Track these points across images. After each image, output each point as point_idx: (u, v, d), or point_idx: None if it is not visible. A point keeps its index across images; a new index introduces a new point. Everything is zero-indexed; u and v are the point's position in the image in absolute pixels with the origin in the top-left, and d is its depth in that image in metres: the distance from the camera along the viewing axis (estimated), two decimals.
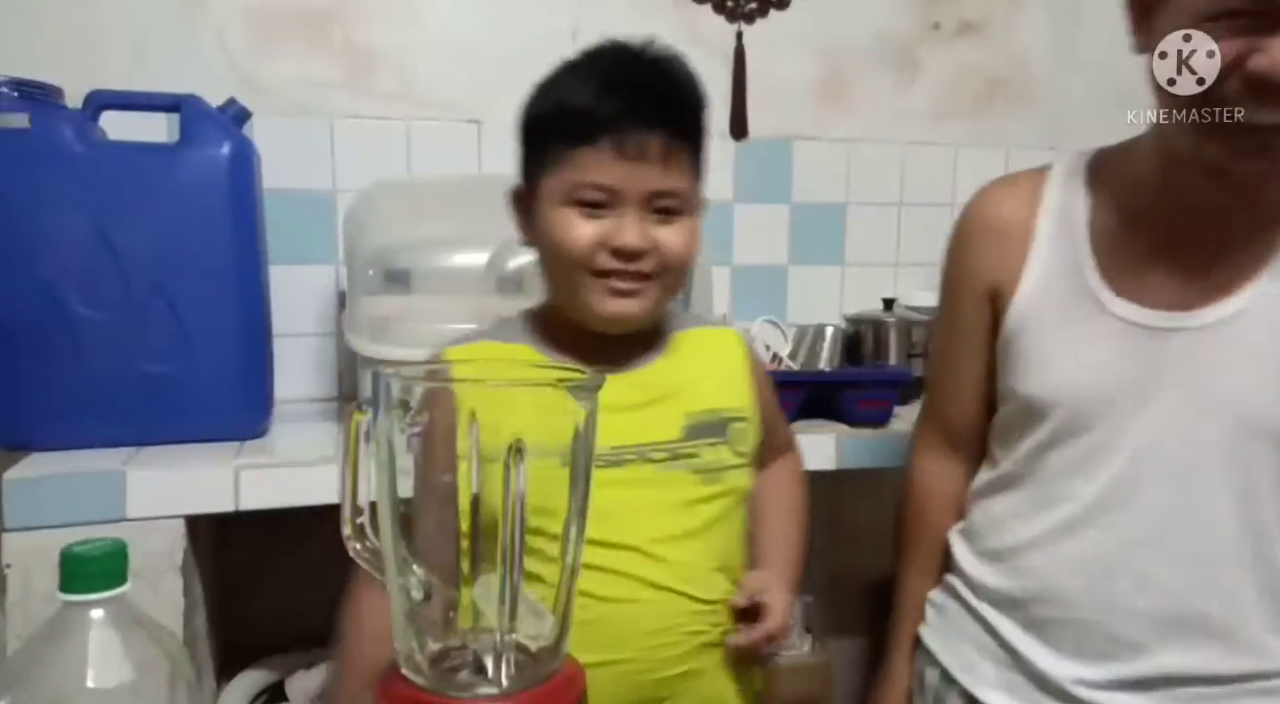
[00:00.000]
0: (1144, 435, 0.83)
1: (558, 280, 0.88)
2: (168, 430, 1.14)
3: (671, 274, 0.87)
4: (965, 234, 0.97)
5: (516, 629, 0.59)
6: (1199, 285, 0.83)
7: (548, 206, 0.85)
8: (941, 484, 1.02)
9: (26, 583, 0.99)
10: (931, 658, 0.98)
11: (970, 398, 0.98)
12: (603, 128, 0.81)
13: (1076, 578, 0.86)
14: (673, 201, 0.84)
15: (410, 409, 0.58)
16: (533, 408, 0.60)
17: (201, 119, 1.13)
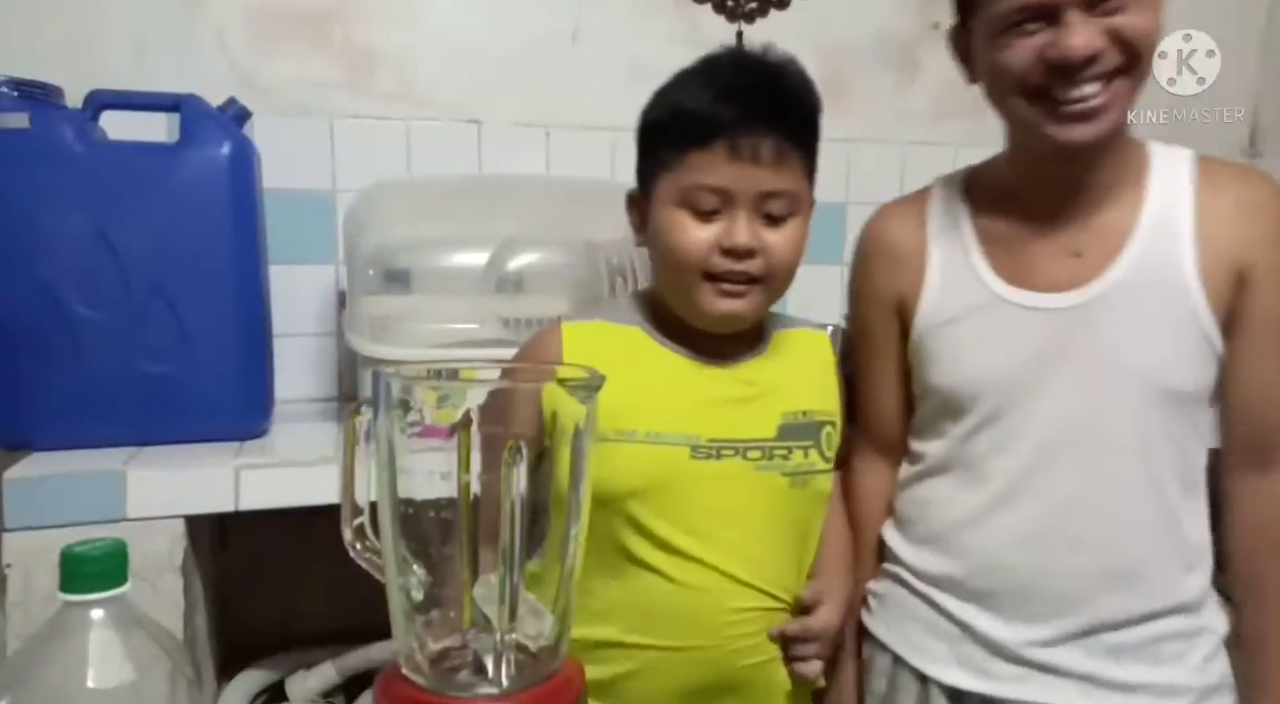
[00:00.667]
0: (1056, 409, 0.89)
1: (669, 281, 0.91)
2: (168, 430, 1.14)
3: (778, 277, 0.89)
4: (865, 257, 1.07)
5: (516, 629, 0.59)
6: (1079, 264, 0.90)
7: (661, 209, 0.88)
8: (871, 484, 1.07)
9: (26, 583, 0.99)
10: (879, 644, 1.02)
11: (891, 404, 1.04)
12: (716, 130, 0.83)
13: (1012, 548, 0.91)
14: (782, 204, 0.87)
15: (410, 409, 0.58)
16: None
17: (201, 119, 1.13)
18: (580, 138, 1.56)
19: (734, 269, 0.86)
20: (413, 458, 0.58)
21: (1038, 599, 0.90)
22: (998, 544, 0.92)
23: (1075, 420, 0.89)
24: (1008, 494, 0.92)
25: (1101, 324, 0.88)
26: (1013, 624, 0.91)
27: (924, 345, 0.97)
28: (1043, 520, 0.90)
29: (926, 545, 0.98)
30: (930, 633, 0.97)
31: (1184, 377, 0.88)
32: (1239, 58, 1.86)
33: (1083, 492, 0.89)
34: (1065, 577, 0.90)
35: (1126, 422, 0.88)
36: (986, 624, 0.92)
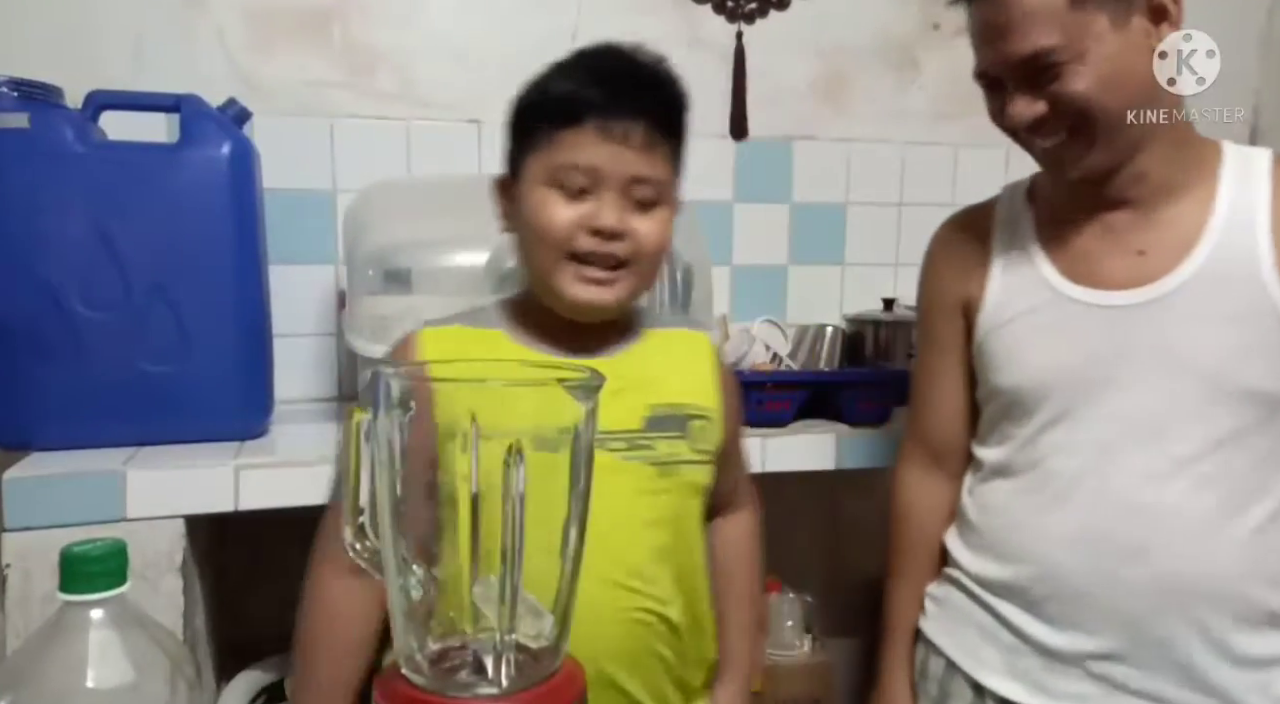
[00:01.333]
0: (1120, 407, 0.89)
1: (535, 264, 0.89)
2: (168, 430, 1.14)
3: (644, 263, 0.88)
4: (932, 261, 1.08)
5: (516, 629, 0.59)
6: (1143, 262, 0.90)
7: (529, 188, 0.86)
8: (926, 498, 1.06)
9: (26, 583, 0.99)
10: (934, 648, 1.01)
11: (951, 410, 1.04)
12: (588, 109, 0.83)
13: (1066, 550, 0.90)
14: (651, 190, 0.86)
15: (410, 409, 0.58)
16: (533, 406, 0.60)
17: (201, 119, 1.13)
18: None
19: (599, 250, 0.85)
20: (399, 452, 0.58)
21: (1095, 608, 0.88)
22: (1056, 547, 0.90)
23: (1141, 421, 0.88)
24: (1068, 495, 0.90)
25: (1169, 322, 0.87)
26: (1071, 634, 0.89)
27: (987, 346, 0.98)
28: (1101, 524, 0.88)
29: (986, 552, 0.96)
30: (987, 640, 0.95)
31: (1264, 375, 0.85)
32: (1239, 58, 1.86)
33: (1148, 496, 0.87)
34: (1125, 587, 0.87)
35: (1196, 422, 0.86)
36: (1044, 634, 0.90)
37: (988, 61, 0.88)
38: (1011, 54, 0.84)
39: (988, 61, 0.88)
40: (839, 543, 1.77)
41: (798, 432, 1.32)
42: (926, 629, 1.02)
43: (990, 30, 0.86)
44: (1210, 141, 0.93)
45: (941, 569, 1.03)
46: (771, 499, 1.70)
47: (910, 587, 1.06)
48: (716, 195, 1.69)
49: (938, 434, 1.05)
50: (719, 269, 1.63)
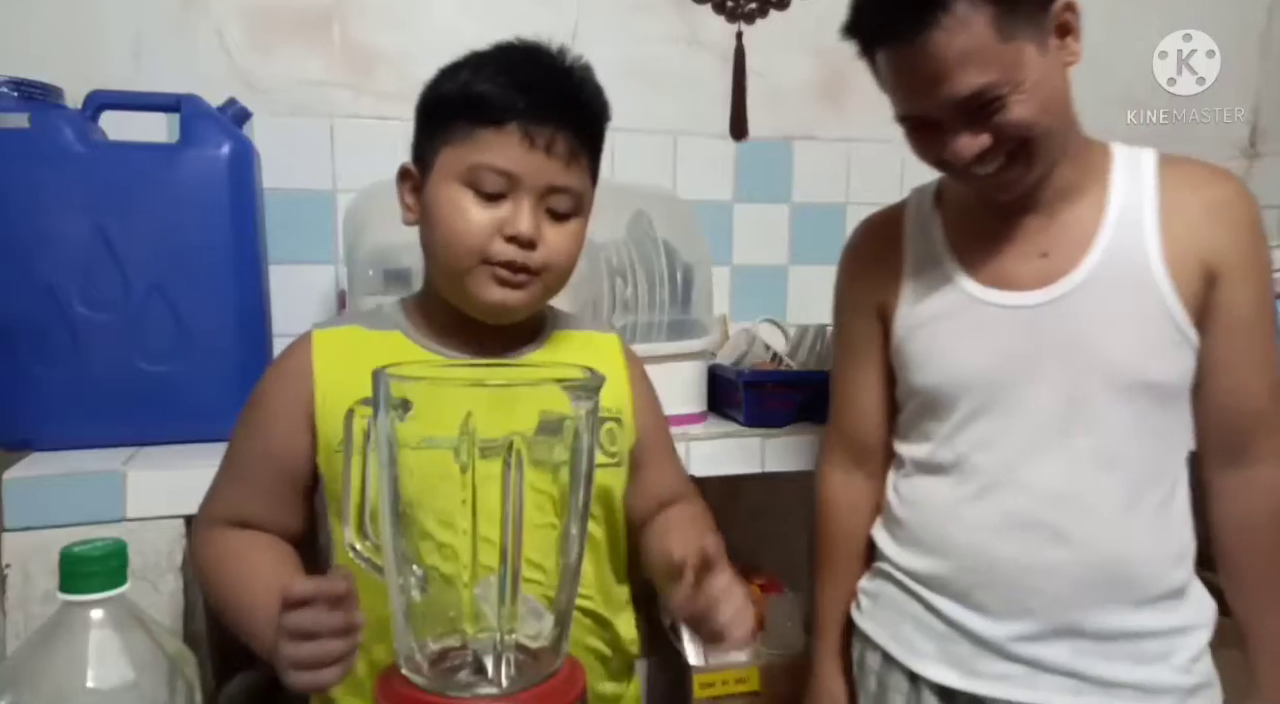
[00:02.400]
0: (1035, 403, 0.92)
1: (444, 264, 0.86)
2: (168, 430, 1.14)
3: (553, 273, 0.86)
4: (846, 267, 1.12)
5: (516, 629, 0.59)
6: (1046, 264, 0.94)
7: (441, 184, 0.84)
8: (848, 496, 1.09)
9: (26, 583, 0.99)
10: (870, 642, 1.03)
11: (870, 409, 1.07)
12: (513, 113, 0.81)
13: (996, 541, 0.93)
14: (568, 201, 0.84)
15: (410, 409, 0.58)
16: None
17: (201, 119, 1.13)
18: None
19: (514, 259, 0.82)
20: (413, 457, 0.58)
21: (1022, 593, 0.92)
22: (981, 538, 0.94)
23: (1053, 414, 0.92)
24: (990, 488, 0.94)
25: (1072, 319, 0.91)
26: (1000, 620, 0.93)
27: (904, 348, 1.00)
28: (1026, 513, 0.92)
29: (914, 545, 1.00)
30: (921, 631, 0.98)
31: (1159, 368, 0.91)
32: (1239, 58, 1.86)
33: (1064, 485, 0.91)
34: (1049, 571, 0.91)
35: (1103, 414, 0.90)
36: (975, 621, 0.94)
37: (920, 106, 0.89)
38: (949, 96, 0.85)
39: (920, 106, 0.89)
40: None
41: (798, 432, 1.32)
42: (861, 624, 1.04)
43: (919, 78, 0.86)
44: (1099, 143, 0.96)
45: (871, 564, 1.06)
46: (771, 499, 1.71)
47: (836, 583, 1.09)
48: (716, 195, 1.69)
49: (858, 433, 1.08)
50: (719, 269, 1.63)
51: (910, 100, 0.90)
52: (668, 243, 1.31)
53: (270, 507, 0.86)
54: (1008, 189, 0.92)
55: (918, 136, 0.93)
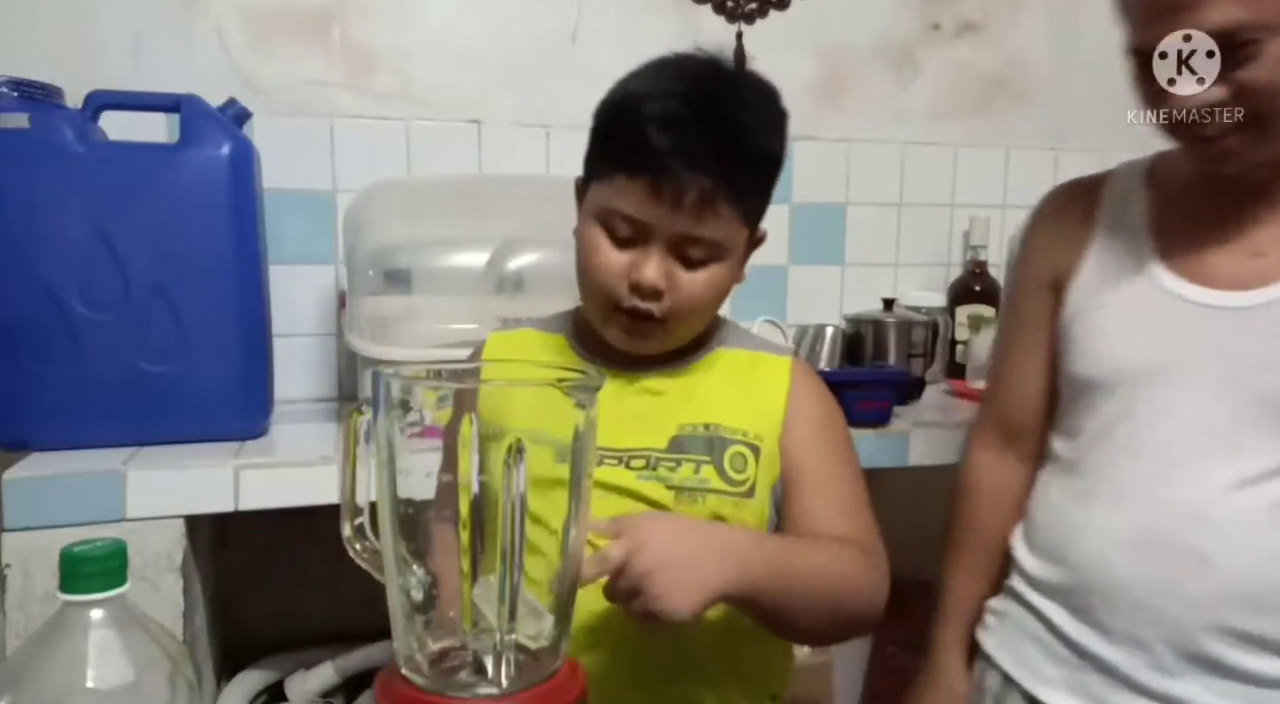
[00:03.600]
0: (1195, 413, 0.83)
1: (583, 294, 0.88)
2: (168, 430, 1.13)
3: (682, 318, 0.83)
4: (1031, 229, 1.01)
5: (516, 629, 0.59)
6: (1260, 264, 0.84)
7: (585, 215, 0.85)
8: (994, 478, 1.01)
9: (26, 583, 0.99)
10: (990, 661, 0.97)
11: (1028, 389, 0.99)
12: (645, 162, 0.78)
13: (1123, 558, 0.85)
14: (701, 250, 0.81)
15: (410, 409, 0.58)
16: (533, 408, 0.60)
17: (201, 119, 1.13)
18: (580, 138, 1.54)
19: (638, 306, 0.81)
20: (413, 458, 0.58)
21: (1152, 620, 0.83)
22: (1105, 550, 0.86)
23: (1218, 427, 0.82)
24: (1125, 497, 0.86)
25: (1272, 330, 0.82)
26: (1125, 648, 0.85)
27: (1071, 328, 0.92)
28: (1162, 531, 0.83)
29: (1041, 551, 0.93)
30: (1044, 653, 0.91)
31: None
32: None
33: (1219, 507, 0.82)
34: (1186, 597, 0.82)
35: (1264, 433, 0.81)
36: (1099, 646, 0.86)
37: (1156, 36, 0.77)
38: (1197, 27, 0.74)
39: (1156, 36, 0.77)
40: None
41: None
42: (985, 642, 0.98)
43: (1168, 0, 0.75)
44: None
45: (1004, 580, 0.99)
46: None
47: (969, 570, 1.02)
48: None
49: (1012, 416, 1.00)
50: None
51: (1148, 25, 0.78)
52: None
53: None
54: (1230, 160, 0.81)
55: (1146, 77, 0.80)
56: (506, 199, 1.40)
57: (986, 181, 1.83)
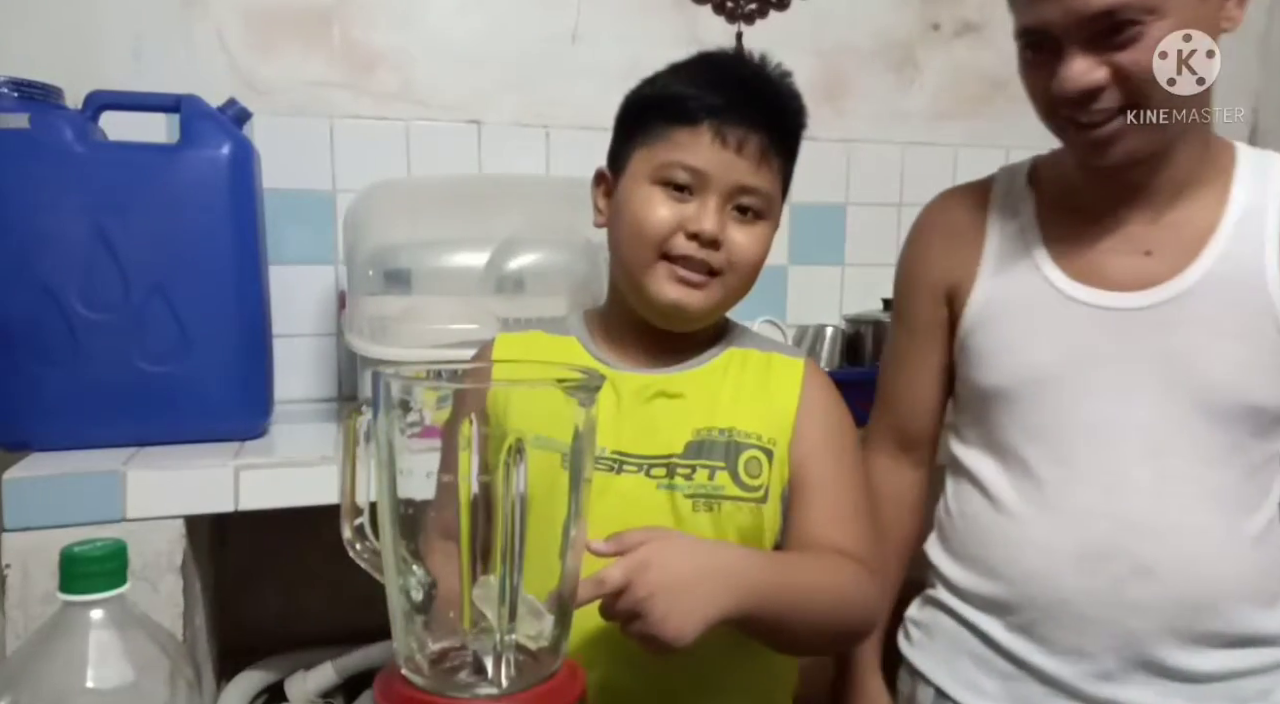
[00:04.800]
0: (1116, 416, 0.84)
1: (626, 260, 0.86)
2: (168, 430, 1.13)
3: (737, 275, 0.85)
4: (918, 238, 1.00)
5: (516, 629, 0.59)
6: (1149, 263, 0.85)
7: (632, 183, 0.85)
8: (892, 483, 1.02)
9: (26, 583, 0.99)
10: (922, 677, 0.96)
11: (922, 397, 0.99)
12: (706, 112, 0.81)
13: (1069, 572, 0.84)
14: (756, 201, 0.84)
15: (410, 409, 0.58)
16: (537, 409, 0.60)
17: (201, 119, 1.13)
18: (580, 138, 1.55)
19: (695, 255, 0.82)
20: (412, 458, 0.58)
21: (1096, 629, 0.83)
22: (1050, 565, 0.85)
23: (1141, 433, 0.83)
24: (1062, 510, 0.85)
25: (1172, 329, 0.82)
26: (1068, 658, 0.85)
27: (971, 340, 0.92)
28: (1103, 542, 0.83)
29: (968, 563, 0.92)
30: (981, 668, 0.90)
31: (1265, 392, 0.81)
32: (1239, 58, 1.87)
33: (1147, 511, 0.82)
34: (1130, 607, 0.82)
35: (1197, 437, 0.82)
36: (1040, 658, 0.86)
37: (1041, 17, 0.78)
38: (1077, 8, 0.75)
39: (1041, 17, 0.78)
40: None
41: None
42: (912, 657, 0.97)
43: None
44: (1225, 141, 0.88)
45: (924, 590, 0.99)
46: None
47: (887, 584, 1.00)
48: None
49: (907, 423, 1.00)
50: None
51: (1032, 7, 0.79)
52: None
53: None
54: (1103, 150, 0.81)
55: (1030, 62, 0.83)
56: (506, 199, 1.40)
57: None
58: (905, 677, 0.99)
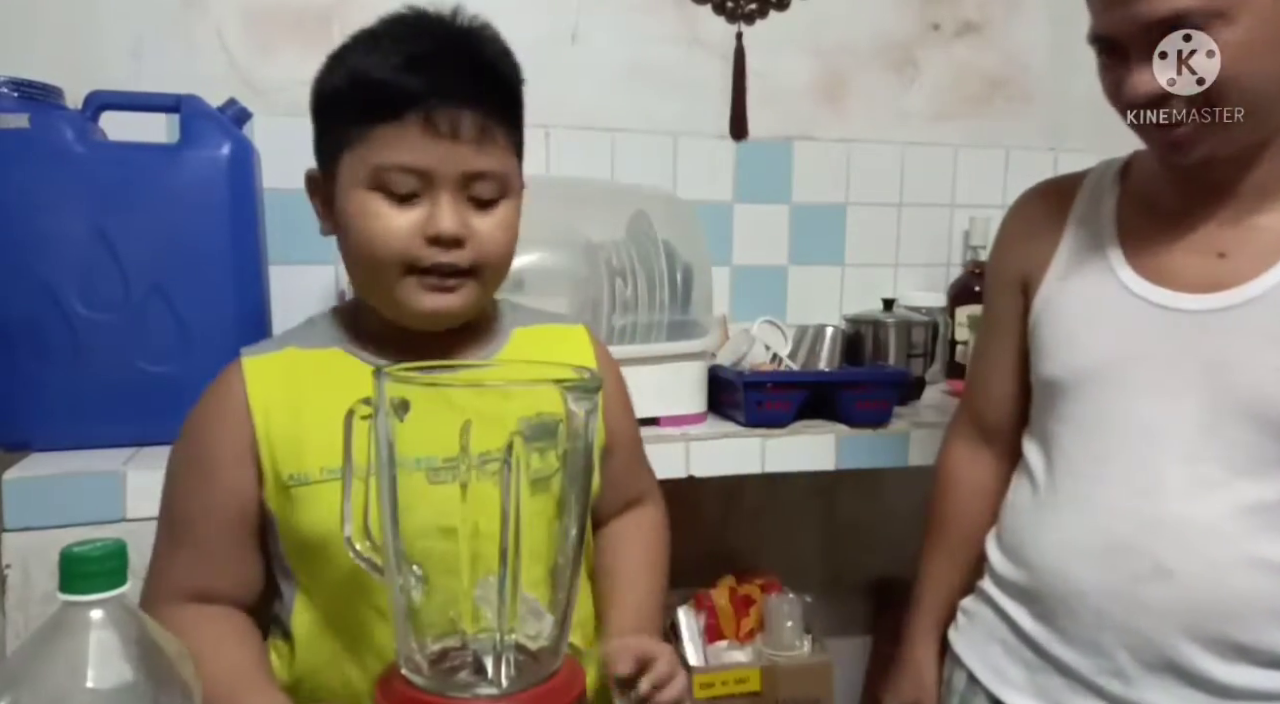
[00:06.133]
0: (1160, 418, 0.83)
1: (366, 278, 0.79)
2: (168, 430, 1.12)
3: (490, 267, 0.79)
4: (1003, 231, 1.02)
5: (516, 629, 0.59)
6: (1221, 266, 0.83)
7: (349, 193, 0.75)
8: (969, 471, 1.03)
9: (26, 583, 0.99)
10: (958, 661, 0.98)
11: (1001, 389, 1.00)
12: (407, 102, 0.72)
13: (1083, 564, 0.85)
14: (490, 186, 0.77)
15: (410, 409, 0.58)
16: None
17: (201, 119, 1.13)
18: (580, 138, 1.56)
19: (441, 261, 0.75)
20: None
21: (1111, 626, 0.83)
22: (1064, 556, 0.86)
23: (1181, 436, 0.81)
24: (1089, 501, 0.86)
25: (1236, 335, 0.80)
26: (1085, 652, 0.85)
27: (1036, 330, 0.92)
28: (1124, 537, 0.83)
29: (1008, 550, 0.93)
30: (1010, 656, 0.91)
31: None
32: None
33: (1180, 516, 0.81)
34: (1144, 606, 0.82)
35: (1237, 446, 0.80)
36: (1060, 650, 0.87)
37: (1108, 24, 0.78)
38: (1140, 16, 0.74)
39: (1108, 24, 0.78)
40: (839, 543, 1.77)
41: (798, 432, 1.32)
42: (954, 643, 0.99)
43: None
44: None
45: (978, 579, 1.00)
46: (771, 499, 1.71)
47: (943, 561, 1.03)
48: (716, 195, 1.69)
49: (987, 416, 1.01)
50: (719, 269, 1.63)
51: (1103, 12, 0.78)
52: (668, 243, 1.31)
53: (223, 569, 0.78)
54: (1181, 150, 0.79)
55: (1104, 67, 0.81)
56: None
57: (986, 182, 1.83)
58: (948, 661, 1.01)
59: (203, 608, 0.77)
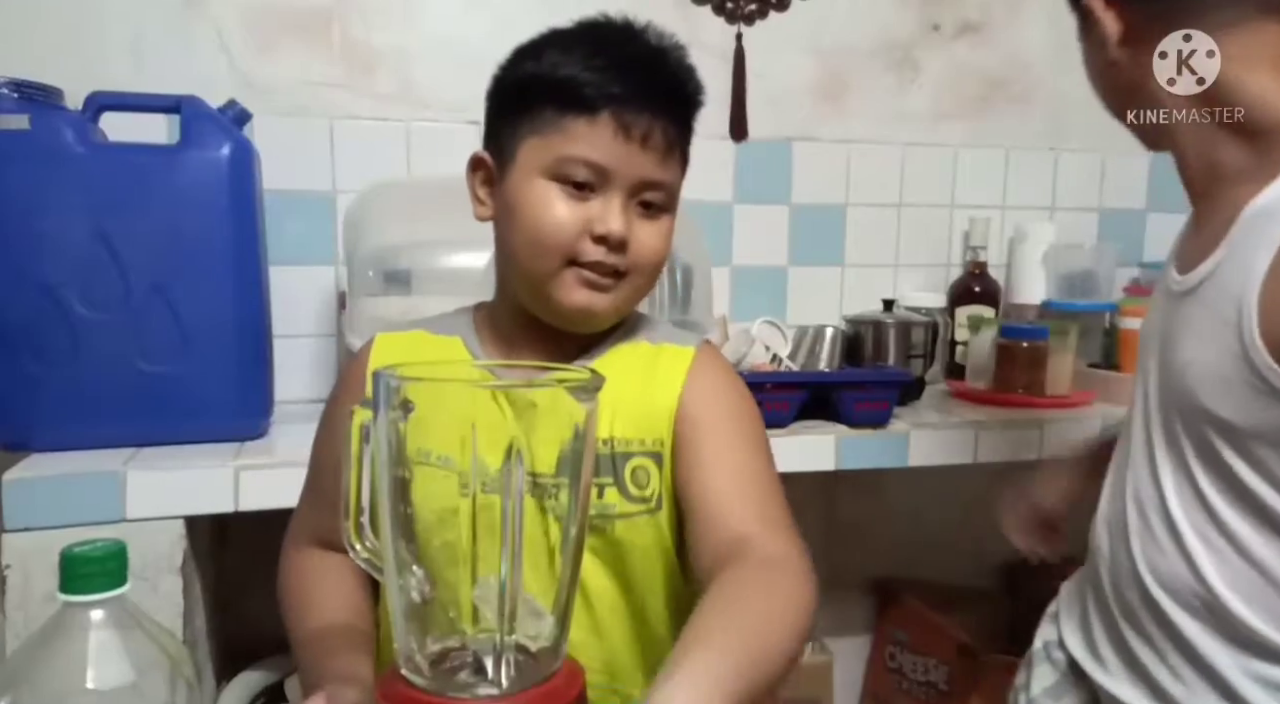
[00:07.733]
0: (1140, 398, 0.87)
1: (525, 264, 0.78)
2: (168, 430, 1.14)
3: (643, 273, 0.79)
4: None
5: (516, 629, 0.59)
6: (1197, 245, 0.81)
7: (524, 177, 0.77)
8: None
9: (26, 583, 0.99)
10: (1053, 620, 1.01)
11: None
12: (607, 101, 0.74)
13: (1102, 530, 0.90)
14: (660, 196, 0.78)
15: (410, 409, 0.58)
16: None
17: (202, 120, 1.13)
18: None
19: (602, 261, 0.76)
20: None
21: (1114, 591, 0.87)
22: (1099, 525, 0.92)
23: (1147, 416, 0.85)
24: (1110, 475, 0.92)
25: (1176, 321, 0.81)
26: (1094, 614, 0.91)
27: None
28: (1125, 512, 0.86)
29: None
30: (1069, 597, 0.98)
31: (1227, 406, 0.75)
32: None
33: (1144, 490, 0.84)
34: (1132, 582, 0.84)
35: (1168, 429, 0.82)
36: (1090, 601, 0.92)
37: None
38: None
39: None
40: (839, 543, 1.77)
41: (798, 432, 1.32)
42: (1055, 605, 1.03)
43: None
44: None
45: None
46: None
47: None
48: (716, 196, 1.69)
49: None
50: (719, 270, 1.63)
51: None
52: None
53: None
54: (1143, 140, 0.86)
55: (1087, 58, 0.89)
56: None
57: (986, 182, 1.83)
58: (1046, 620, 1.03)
59: (326, 556, 0.84)
